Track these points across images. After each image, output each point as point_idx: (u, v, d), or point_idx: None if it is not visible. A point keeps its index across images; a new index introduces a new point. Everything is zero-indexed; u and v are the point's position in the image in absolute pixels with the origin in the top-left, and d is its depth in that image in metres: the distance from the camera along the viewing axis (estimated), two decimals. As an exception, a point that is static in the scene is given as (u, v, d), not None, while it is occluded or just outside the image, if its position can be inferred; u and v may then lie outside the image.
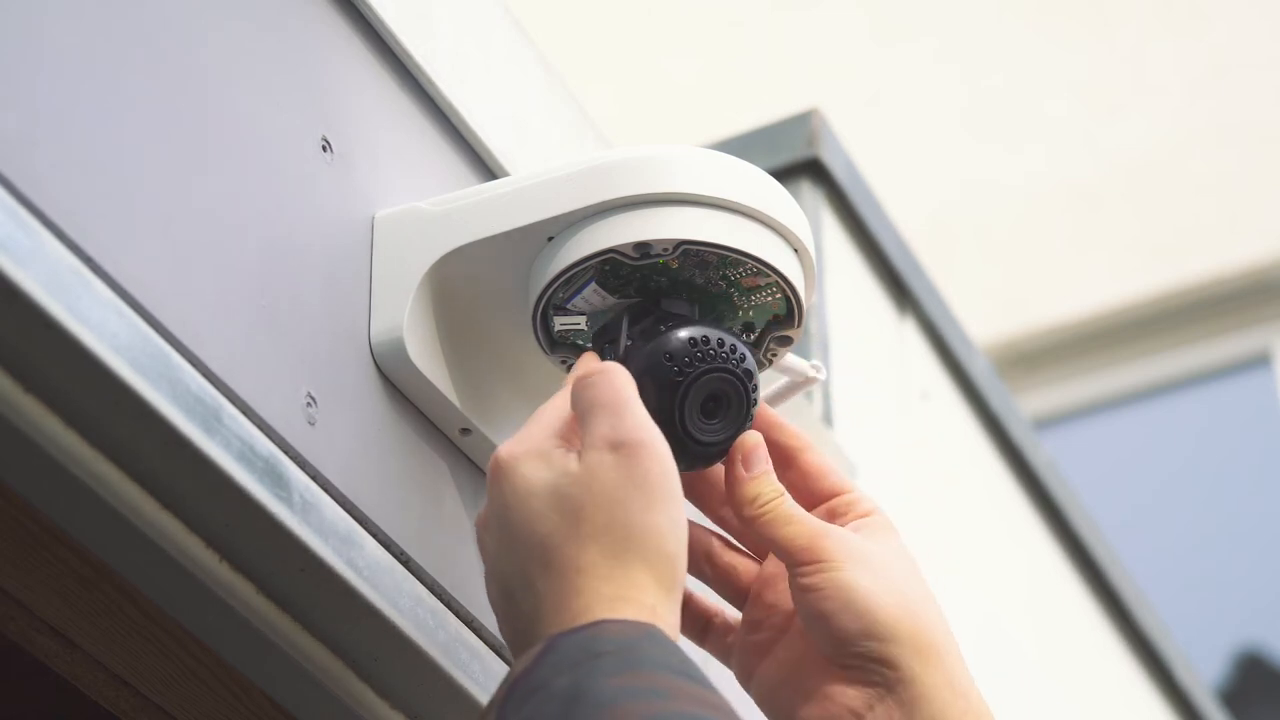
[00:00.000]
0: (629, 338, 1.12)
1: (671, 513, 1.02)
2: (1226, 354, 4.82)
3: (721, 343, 1.11)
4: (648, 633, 0.97)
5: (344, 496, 1.10)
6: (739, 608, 1.16)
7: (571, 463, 1.02)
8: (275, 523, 1.04)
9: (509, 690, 0.96)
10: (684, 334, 1.11)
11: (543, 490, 1.02)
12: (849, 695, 1.10)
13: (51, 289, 0.93)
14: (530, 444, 1.04)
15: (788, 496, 1.13)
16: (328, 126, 1.17)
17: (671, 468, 1.03)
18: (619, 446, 1.02)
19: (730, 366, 1.11)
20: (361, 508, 1.11)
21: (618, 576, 0.99)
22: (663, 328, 1.12)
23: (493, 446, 1.21)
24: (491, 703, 0.98)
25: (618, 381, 1.05)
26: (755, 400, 1.13)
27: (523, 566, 1.01)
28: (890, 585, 1.11)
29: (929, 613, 1.12)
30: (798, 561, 1.11)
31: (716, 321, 1.15)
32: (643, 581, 0.99)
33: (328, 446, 1.10)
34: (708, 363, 1.11)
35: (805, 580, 1.11)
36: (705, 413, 1.11)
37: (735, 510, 1.12)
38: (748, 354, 1.12)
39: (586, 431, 1.04)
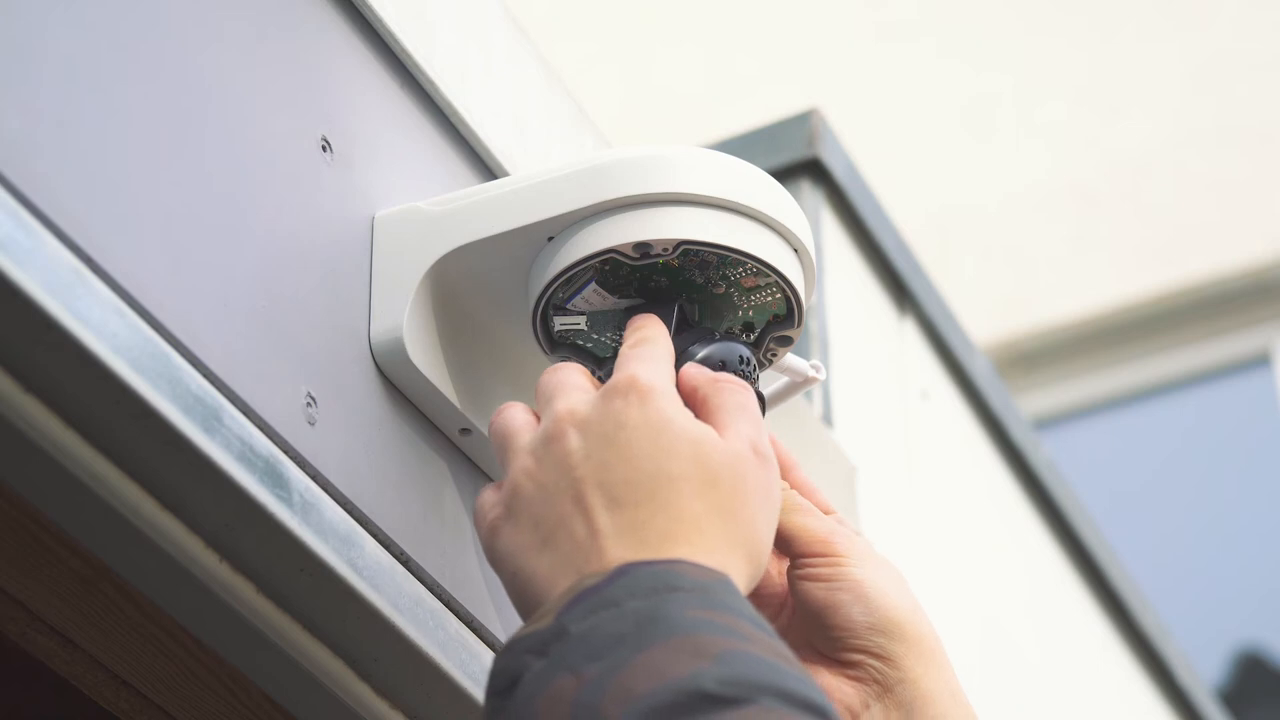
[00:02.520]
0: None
1: (772, 533, 1.03)
2: (1226, 354, 4.83)
3: (750, 361, 1.12)
4: (723, 581, 0.96)
5: (344, 496, 1.10)
6: None
7: (714, 433, 1.02)
8: (275, 523, 1.04)
9: (573, 599, 0.95)
10: (733, 351, 1.11)
11: (686, 436, 1.01)
12: (845, 692, 1.10)
13: (51, 289, 0.93)
14: (670, 385, 1.03)
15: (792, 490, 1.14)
16: (328, 126, 1.17)
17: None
18: (763, 457, 1.03)
19: (754, 382, 1.12)
20: (361, 508, 1.11)
21: (723, 554, 0.99)
22: (717, 337, 1.12)
23: (493, 446, 1.21)
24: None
25: (755, 401, 1.07)
26: (763, 415, 1.13)
27: (620, 484, 0.99)
28: (900, 589, 1.12)
29: (929, 622, 1.13)
30: (811, 552, 1.12)
31: (719, 325, 1.15)
32: (739, 570, 0.99)
33: (328, 446, 1.10)
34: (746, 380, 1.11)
35: (816, 570, 1.11)
36: None
37: None
38: (758, 368, 1.13)
39: (729, 425, 1.04)
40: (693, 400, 1.06)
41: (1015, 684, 2.20)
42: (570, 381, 1.05)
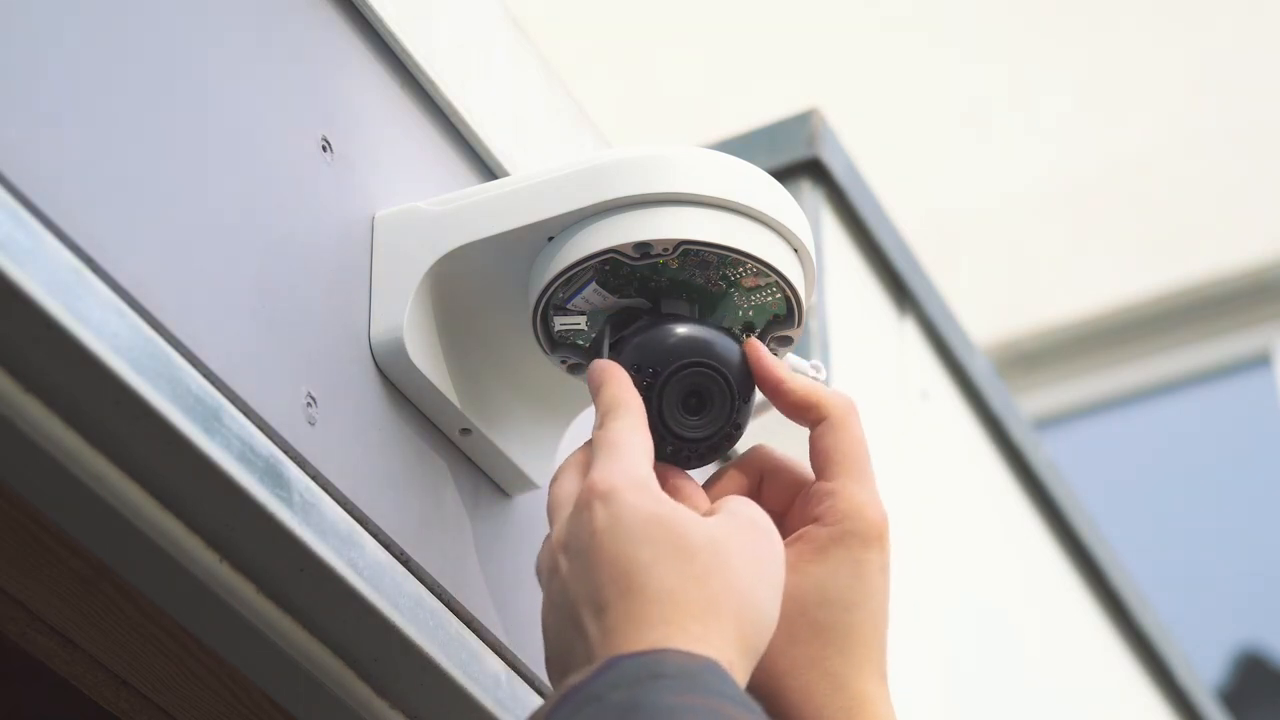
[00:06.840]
0: (611, 339, 1.13)
1: (778, 595, 1.04)
2: (1226, 354, 4.82)
3: (696, 339, 1.11)
4: (709, 665, 0.96)
5: (344, 496, 1.10)
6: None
7: (687, 511, 1.03)
8: (275, 523, 1.04)
9: (561, 698, 0.95)
10: (659, 331, 1.11)
11: (655, 520, 1.01)
12: None
13: (51, 289, 0.93)
14: (632, 474, 1.03)
15: None
16: (328, 126, 1.17)
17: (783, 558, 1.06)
18: (756, 522, 1.04)
19: (706, 361, 1.11)
20: (361, 508, 1.11)
21: (707, 621, 0.99)
22: (643, 325, 1.12)
23: (493, 446, 1.21)
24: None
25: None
26: (742, 393, 1.12)
27: (600, 589, 1.00)
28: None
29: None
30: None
31: (710, 320, 1.15)
32: (730, 636, 0.99)
33: (328, 446, 1.10)
34: (681, 359, 1.11)
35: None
36: (688, 409, 1.12)
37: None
38: (733, 348, 1.12)
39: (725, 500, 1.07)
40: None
41: (1015, 684, 2.20)
42: (555, 501, 1.06)
